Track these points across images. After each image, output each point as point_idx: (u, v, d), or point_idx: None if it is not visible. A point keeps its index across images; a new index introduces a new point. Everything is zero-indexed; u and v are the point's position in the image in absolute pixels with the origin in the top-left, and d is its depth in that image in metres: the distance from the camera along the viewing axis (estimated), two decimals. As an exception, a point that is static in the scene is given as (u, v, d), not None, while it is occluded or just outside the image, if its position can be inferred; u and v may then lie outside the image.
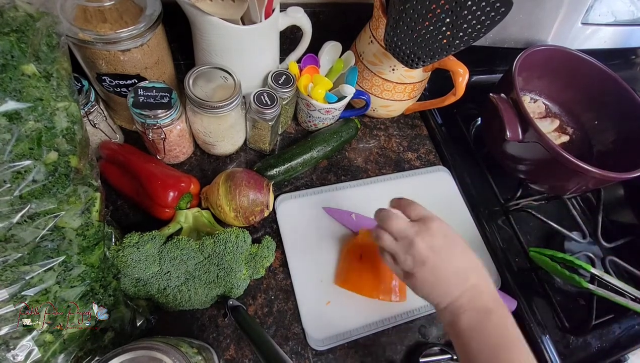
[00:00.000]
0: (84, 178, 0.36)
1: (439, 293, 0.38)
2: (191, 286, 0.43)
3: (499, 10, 0.42)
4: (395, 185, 0.62)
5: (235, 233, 0.45)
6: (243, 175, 0.49)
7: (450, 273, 0.38)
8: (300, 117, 0.64)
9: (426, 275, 0.38)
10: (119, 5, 0.44)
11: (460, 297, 0.37)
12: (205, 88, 0.50)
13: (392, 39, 0.49)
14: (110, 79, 0.48)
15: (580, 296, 0.58)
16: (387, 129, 0.69)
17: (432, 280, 0.38)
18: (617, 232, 0.66)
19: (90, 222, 0.36)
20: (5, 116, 0.29)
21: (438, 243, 0.38)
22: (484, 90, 0.60)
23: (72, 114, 0.34)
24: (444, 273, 0.38)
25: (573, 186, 0.58)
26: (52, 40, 0.34)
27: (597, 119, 0.70)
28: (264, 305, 0.49)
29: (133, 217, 0.51)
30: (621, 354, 0.54)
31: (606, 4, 0.69)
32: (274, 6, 0.50)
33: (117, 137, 0.54)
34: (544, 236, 0.64)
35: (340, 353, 0.48)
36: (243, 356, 0.45)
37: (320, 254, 0.53)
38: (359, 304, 0.50)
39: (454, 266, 0.38)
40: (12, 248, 0.31)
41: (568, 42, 0.70)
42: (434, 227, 0.39)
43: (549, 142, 0.52)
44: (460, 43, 0.46)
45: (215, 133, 0.52)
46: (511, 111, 0.55)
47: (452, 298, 0.37)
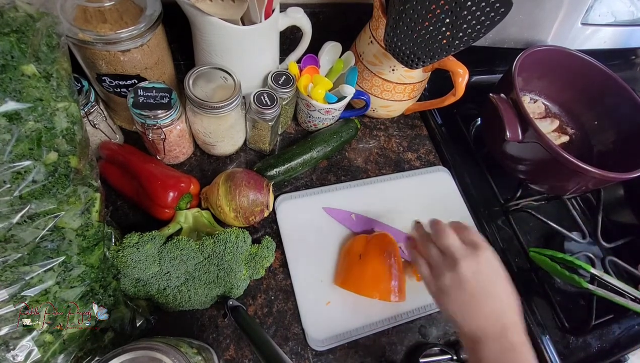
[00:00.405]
0: (83, 178, 0.36)
1: (467, 318, 0.38)
2: (191, 286, 0.43)
3: (498, 10, 0.42)
4: (395, 185, 0.62)
5: (235, 234, 0.45)
6: (243, 176, 0.49)
7: (484, 305, 0.38)
8: (300, 117, 0.64)
9: (461, 298, 0.38)
10: (119, 5, 0.44)
11: (487, 327, 0.37)
12: (205, 88, 0.50)
13: (392, 39, 0.49)
14: (110, 79, 0.48)
15: (580, 296, 0.58)
16: (387, 129, 0.69)
17: (465, 304, 0.38)
18: (617, 232, 0.66)
19: (90, 223, 0.36)
20: (5, 116, 0.29)
21: (482, 272, 0.38)
22: (484, 91, 0.60)
23: (72, 114, 0.34)
24: (479, 302, 0.38)
25: (573, 186, 0.58)
26: (52, 40, 0.34)
27: (597, 119, 0.70)
28: (263, 305, 0.49)
29: (133, 217, 0.51)
30: (621, 354, 0.54)
31: (606, 4, 0.69)
32: (273, 6, 0.50)
33: (117, 138, 0.54)
34: (543, 236, 0.64)
35: (340, 354, 0.48)
36: (243, 356, 0.45)
37: (320, 254, 0.53)
38: (359, 304, 0.50)
39: (491, 299, 0.38)
40: (12, 249, 0.31)
41: (568, 42, 0.70)
42: (484, 256, 0.39)
43: (549, 142, 0.52)
44: (460, 43, 0.46)
45: (215, 133, 0.52)
46: (511, 111, 0.55)
47: (478, 326, 0.37)
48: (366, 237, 0.53)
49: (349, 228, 0.56)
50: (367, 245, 0.51)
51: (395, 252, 0.51)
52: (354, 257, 0.51)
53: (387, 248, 0.51)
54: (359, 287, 0.49)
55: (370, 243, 0.51)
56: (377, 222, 0.57)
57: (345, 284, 0.50)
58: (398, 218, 0.58)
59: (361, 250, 0.51)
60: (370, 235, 0.53)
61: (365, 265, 0.49)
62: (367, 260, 0.50)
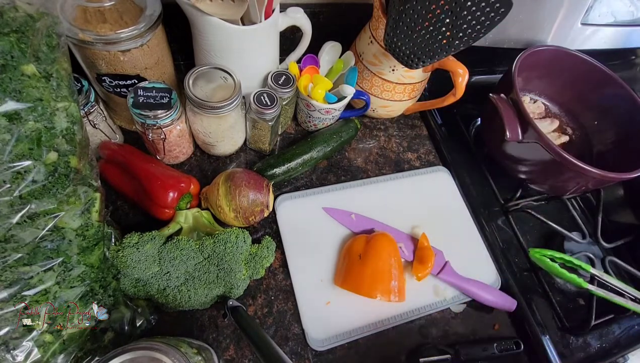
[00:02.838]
0: (83, 178, 0.36)
1: None
2: (191, 286, 0.43)
3: (498, 10, 0.42)
4: (395, 185, 0.62)
5: (235, 234, 0.45)
6: (243, 176, 0.49)
7: None
8: (300, 117, 0.64)
9: None
10: (119, 5, 0.44)
11: None
12: (205, 88, 0.50)
13: (391, 39, 0.49)
14: (110, 79, 0.48)
15: (580, 296, 0.58)
16: (387, 129, 0.69)
17: None
18: (617, 232, 0.65)
19: (90, 223, 0.36)
20: (5, 116, 0.29)
21: None
22: (484, 91, 0.60)
23: (72, 114, 0.34)
24: None
25: (573, 186, 0.58)
26: (52, 40, 0.34)
27: (597, 119, 0.70)
28: (263, 305, 0.49)
29: (133, 217, 0.51)
30: (621, 354, 0.54)
31: (606, 4, 0.69)
32: (273, 6, 0.50)
33: (117, 137, 0.54)
34: (543, 236, 0.64)
35: (340, 354, 0.48)
36: (243, 356, 0.45)
37: (320, 254, 0.53)
38: (359, 304, 0.50)
39: None
40: (11, 249, 0.31)
41: (568, 42, 0.70)
42: None
43: (549, 142, 0.52)
44: (460, 43, 0.46)
45: (215, 133, 0.52)
46: (511, 111, 0.55)
47: None
48: (366, 237, 0.53)
49: (348, 228, 0.56)
50: (367, 245, 0.51)
51: (395, 252, 0.51)
52: (354, 257, 0.51)
53: (387, 248, 0.51)
54: (358, 287, 0.49)
55: (370, 243, 0.51)
56: (377, 222, 0.57)
57: (345, 284, 0.50)
58: (398, 219, 0.58)
59: (361, 250, 0.51)
60: (370, 235, 0.53)
61: (365, 265, 0.49)
62: (367, 260, 0.50)
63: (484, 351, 0.49)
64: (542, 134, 0.52)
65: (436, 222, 0.59)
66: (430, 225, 0.58)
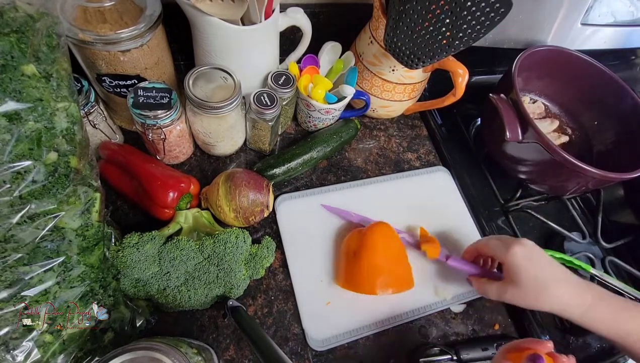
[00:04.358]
0: (83, 178, 0.36)
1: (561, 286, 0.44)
2: (191, 286, 0.43)
3: (498, 11, 0.42)
4: (395, 185, 0.62)
5: (235, 234, 0.45)
6: (243, 176, 0.49)
7: None
8: (300, 118, 0.64)
9: None
10: (119, 5, 0.44)
11: None
12: (205, 88, 0.50)
13: (391, 39, 0.49)
14: (110, 79, 0.48)
15: (580, 296, 0.58)
16: (387, 129, 0.69)
17: None
18: (617, 232, 0.66)
19: (90, 223, 0.36)
20: (5, 116, 0.29)
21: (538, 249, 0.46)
22: (484, 91, 0.61)
23: (72, 114, 0.34)
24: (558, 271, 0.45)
25: (573, 186, 0.58)
26: (52, 40, 0.34)
27: (597, 119, 0.70)
28: (263, 305, 0.49)
29: (133, 217, 0.51)
30: (621, 354, 0.54)
31: (606, 4, 0.69)
32: (273, 7, 0.50)
33: (117, 138, 0.54)
34: (543, 236, 0.64)
35: (340, 354, 0.48)
36: (243, 356, 0.45)
37: (320, 254, 0.53)
38: (359, 304, 0.50)
39: None
40: (11, 249, 0.31)
41: (568, 42, 0.70)
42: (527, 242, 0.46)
43: (549, 142, 0.52)
44: (460, 44, 0.46)
45: (215, 133, 0.52)
46: (511, 111, 0.55)
47: None
48: (360, 231, 0.52)
49: (348, 219, 0.56)
50: (360, 240, 0.50)
51: (394, 238, 0.51)
52: (349, 254, 0.50)
53: (381, 239, 0.50)
54: (358, 285, 0.48)
55: (364, 237, 0.50)
56: (377, 222, 0.57)
57: (345, 284, 0.50)
58: (398, 219, 0.58)
59: (355, 247, 0.50)
60: (363, 229, 0.52)
61: (360, 261, 0.48)
62: (362, 256, 0.48)
63: (484, 351, 0.49)
64: (542, 134, 0.52)
65: (436, 222, 0.59)
66: (430, 226, 0.58)
